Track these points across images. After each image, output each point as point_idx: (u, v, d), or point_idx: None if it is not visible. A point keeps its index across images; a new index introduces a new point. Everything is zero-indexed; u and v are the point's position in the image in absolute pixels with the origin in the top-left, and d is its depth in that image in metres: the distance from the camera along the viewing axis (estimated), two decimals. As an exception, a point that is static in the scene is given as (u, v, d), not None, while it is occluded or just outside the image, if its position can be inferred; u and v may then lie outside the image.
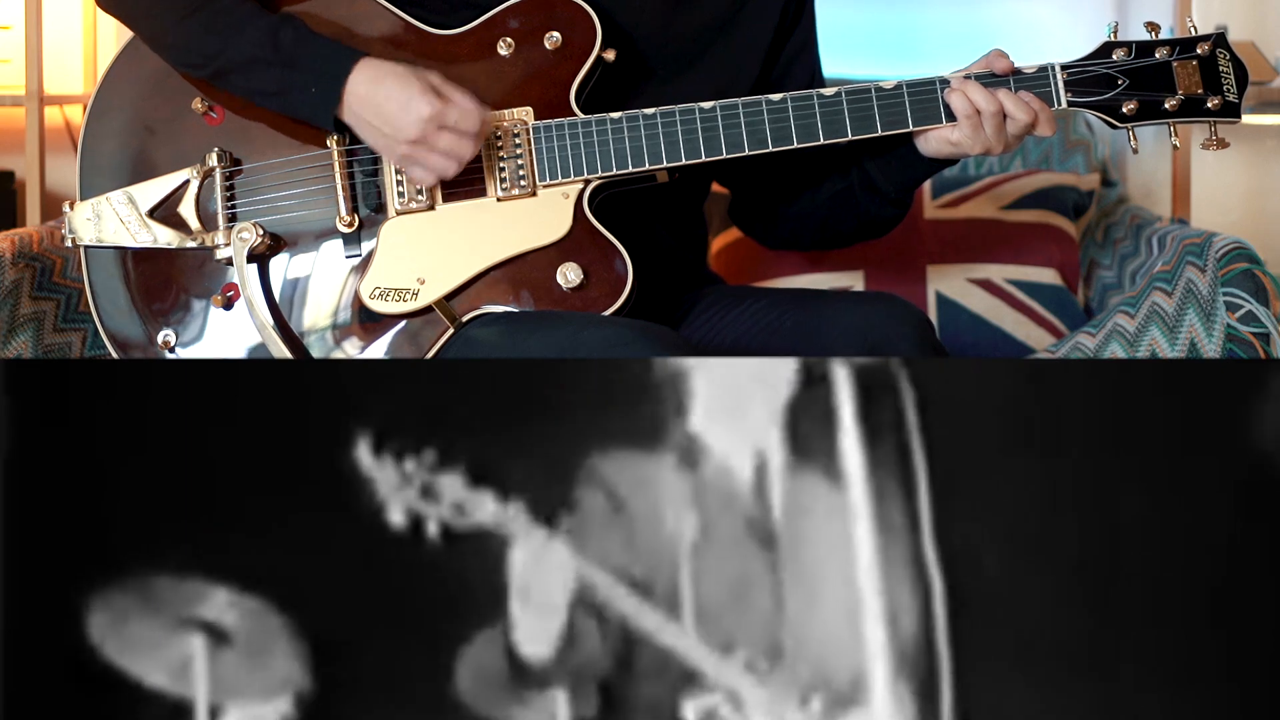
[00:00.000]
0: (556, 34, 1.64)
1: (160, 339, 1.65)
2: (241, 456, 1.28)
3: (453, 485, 1.24)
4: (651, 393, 1.24)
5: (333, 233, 1.63)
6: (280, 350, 1.59)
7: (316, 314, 1.63)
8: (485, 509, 1.23)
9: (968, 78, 1.62)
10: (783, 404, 1.24)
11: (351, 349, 1.62)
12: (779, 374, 1.24)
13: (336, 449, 1.26)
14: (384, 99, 1.56)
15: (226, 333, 1.64)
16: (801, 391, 1.24)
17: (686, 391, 1.24)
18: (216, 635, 1.25)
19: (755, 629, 1.23)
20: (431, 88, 1.56)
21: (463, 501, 1.23)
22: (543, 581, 1.23)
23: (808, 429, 1.23)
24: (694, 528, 1.23)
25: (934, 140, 1.64)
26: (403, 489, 1.24)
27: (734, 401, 1.23)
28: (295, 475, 1.27)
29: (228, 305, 1.64)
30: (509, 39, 1.65)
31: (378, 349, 1.62)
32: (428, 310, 1.61)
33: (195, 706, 1.25)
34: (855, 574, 1.23)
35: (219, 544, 1.27)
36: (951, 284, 2.25)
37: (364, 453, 1.25)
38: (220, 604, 1.25)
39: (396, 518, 1.24)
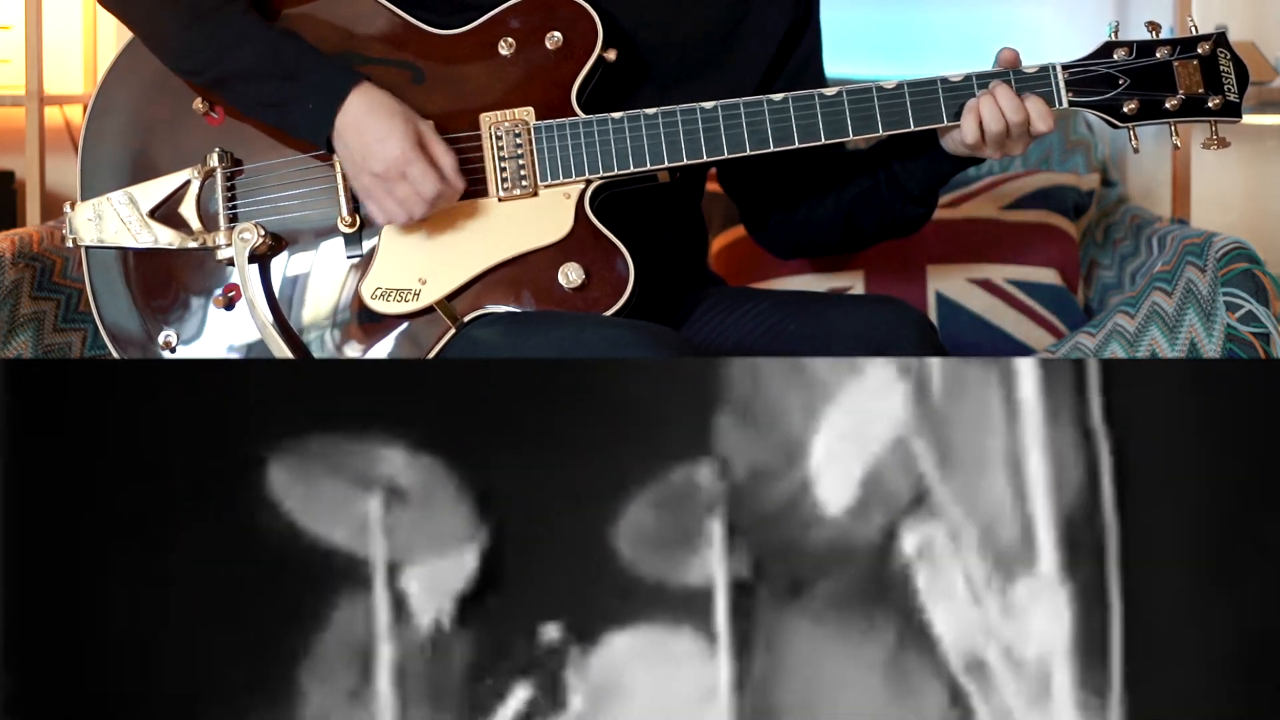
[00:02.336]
0: (558, 34, 1.64)
1: (161, 339, 1.65)
2: (240, 456, 1.28)
3: None
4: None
5: (334, 233, 1.63)
6: (281, 350, 1.59)
7: (317, 314, 1.63)
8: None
9: (984, 76, 1.61)
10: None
11: (352, 349, 1.62)
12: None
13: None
14: (369, 127, 1.56)
15: (227, 333, 1.64)
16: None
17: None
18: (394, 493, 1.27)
19: (963, 473, 1.26)
20: (416, 135, 1.57)
21: None
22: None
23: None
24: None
25: (953, 140, 1.65)
26: None
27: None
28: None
29: (229, 305, 1.64)
30: (510, 39, 1.65)
31: (379, 349, 1.62)
32: (429, 310, 1.61)
33: (374, 564, 1.26)
34: (1023, 446, 1.26)
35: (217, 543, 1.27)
36: (951, 284, 2.25)
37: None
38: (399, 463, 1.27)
39: None
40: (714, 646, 1.25)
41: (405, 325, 1.61)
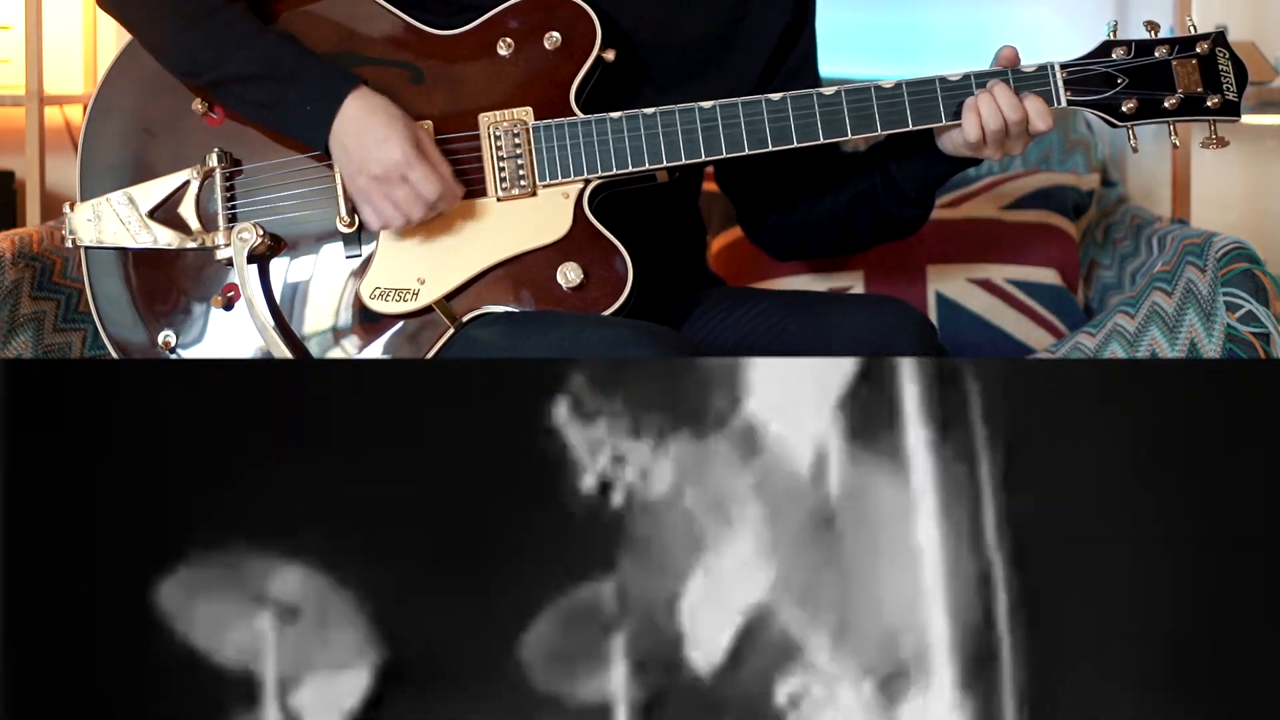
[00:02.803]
0: (556, 34, 1.64)
1: (161, 339, 1.65)
2: (241, 457, 1.28)
3: None
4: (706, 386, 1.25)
5: (333, 233, 1.63)
6: (281, 350, 1.59)
7: (317, 314, 1.63)
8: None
9: (981, 78, 1.62)
10: (840, 396, 1.24)
11: (351, 349, 1.62)
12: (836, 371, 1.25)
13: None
14: (367, 130, 1.56)
15: (227, 333, 1.64)
16: (860, 384, 1.24)
17: (743, 385, 1.25)
18: (286, 612, 1.26)
19: (832, 614, 1.24)
20: (415, 140, 1.57)
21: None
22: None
23: (867, 419, 1.24)
24: (762, 509, 1.24)
25: (952, 141, 1.65)
26: None
27: (790, 394, 1.24)
28: (299, 476, 1.27)
29: (228, 306, 1.64)
30: (509, 39, 1.65)
31: (378, 349, 1.62)
32: (428, 310, 1.61)
33: (265, 681, 1.25)
34: (919, 561, 1.23)
35: (217, 544, 1.27)
36: (951, 284, 2.25)
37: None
38: (288, 580, 1.26)
39: None
40: None
41: (404, 325, 1.62)
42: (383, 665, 1.25)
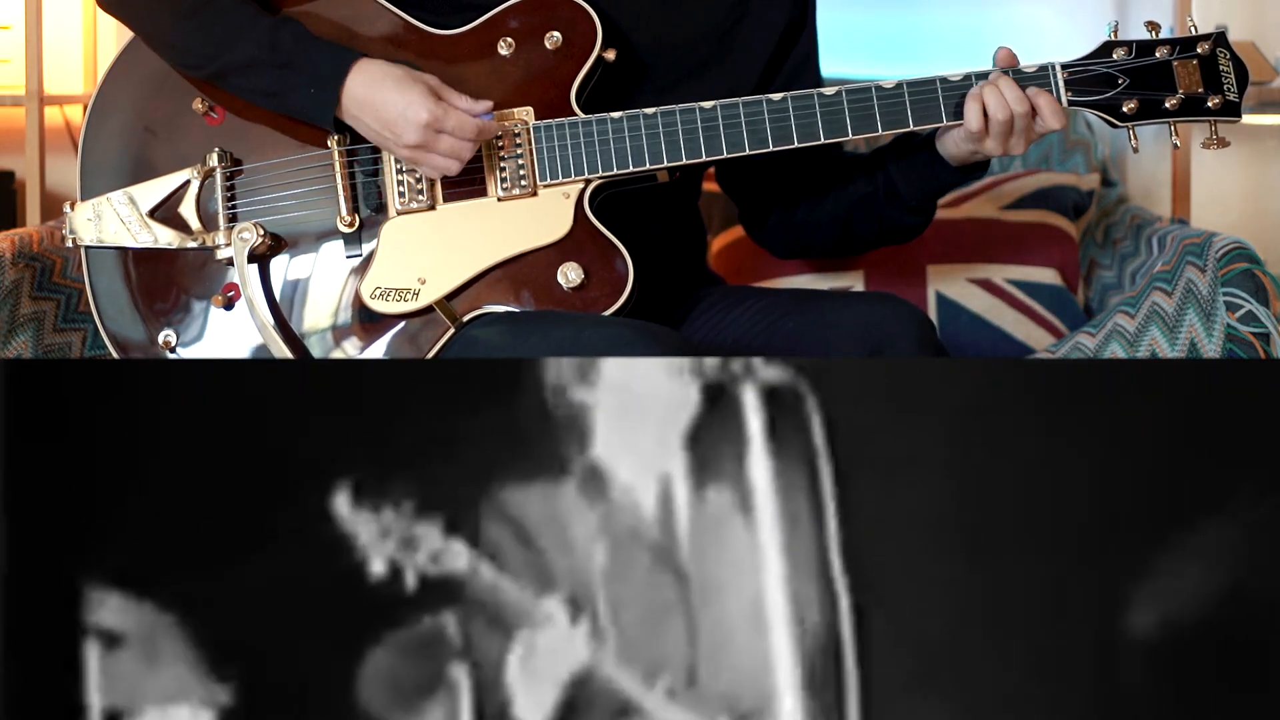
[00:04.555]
0: (557, 34, 1.64)
1: (161, 339, 1.65)
2: (240, 458, 1.28)
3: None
4: (553, 423, 1.24)
5: (333, 233, 1.63)
6: (281, 350, 1.59)
7: (317, 314, 1.63)
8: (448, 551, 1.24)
9: (983, 75, 1.62)
10: (685, 427, 1.24)
11: (352, 349, 1.62)
12: (680, 395, 1.25)
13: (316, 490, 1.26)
14: (382, 104, 1.56)
15: (227, 333, 1.64)
16: (704, 412, 1.24)
17: (587, 422, 1.25)
18: (109, 639, 1.25)
19: (672, 655, 1.23)
20: (430, 91, 1.56)
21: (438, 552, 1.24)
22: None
23: (711, 451, 1.24)
24: (604, 555, 1.24)
25: (954, 140, 1.65)
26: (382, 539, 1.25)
27: (634, 427, 1.23)
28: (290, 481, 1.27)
29: (228, 305, 1.64)
30: (509, 39, 1.65)
31: (378, 349, 1.62)
32: (428, 310, 1.61)
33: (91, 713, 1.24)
34: (763, 595, 1.23)
35: (208, 546, 1.27)
36: (951, 284, 2.25)
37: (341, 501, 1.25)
38: (115, 609, 1.25)
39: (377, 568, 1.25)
40: None
41: (404, 325, 1.62)
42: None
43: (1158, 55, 1.63)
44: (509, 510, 1.24)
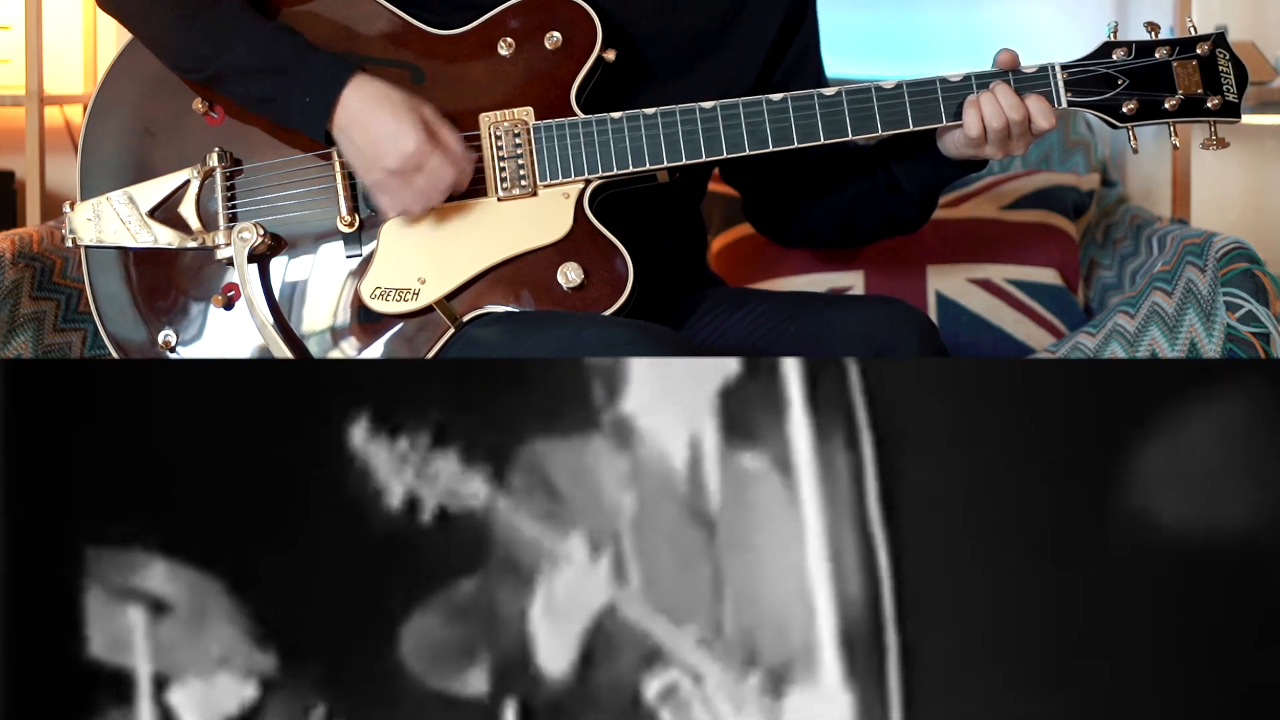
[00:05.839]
0: (557, 34, 1.64)
1: (161, 339, 1.65)
2: (241, 459, 1.28)
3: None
4: (585, 379, 1.24)
5: (333, 233, 1.63)
6: (281, 350, 1.59)
7: (317, 314, 1.63)
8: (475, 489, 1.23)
9: (983, 76, 1.62)
10: (718, 390, 1.24)
11: (351, 349, 1.62)
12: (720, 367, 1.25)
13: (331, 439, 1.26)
14: (374, 122, 1.56)
15: (227, 333, 1.64)
16: (742, 375, 1.24)
17: (621, 377, 1.25)
18: (158, 606, 1.25)
19: (704, 607, 1.23)
20: (424, 123, 1.56)
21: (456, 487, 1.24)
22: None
23: (749, 414, 1.24)
24: (632, 504, 1.24)
25: (953, 142, 1.65)
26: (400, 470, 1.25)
27: (670, 387, 1.23)
28: (295, 473, 1.27)
29: (228, 305, 1.64)
30: (509, 39, 1.65)
31: (378, 349, 1.62)
32: (428, 310, 1.61)
33: (137, 677, 1.24)
34: (800, 552, 1.23)
35: (210, 537, 1.27)
36: (951, 284, 2.25)
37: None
38: (161, 576, 1.25)
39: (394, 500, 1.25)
40: None
41: (405, 325, 1.62)
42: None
43: (1157, 56, 1.63)
44: (534, 457, 1.24)
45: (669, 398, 1.24)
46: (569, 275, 1.59)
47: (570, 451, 1.24)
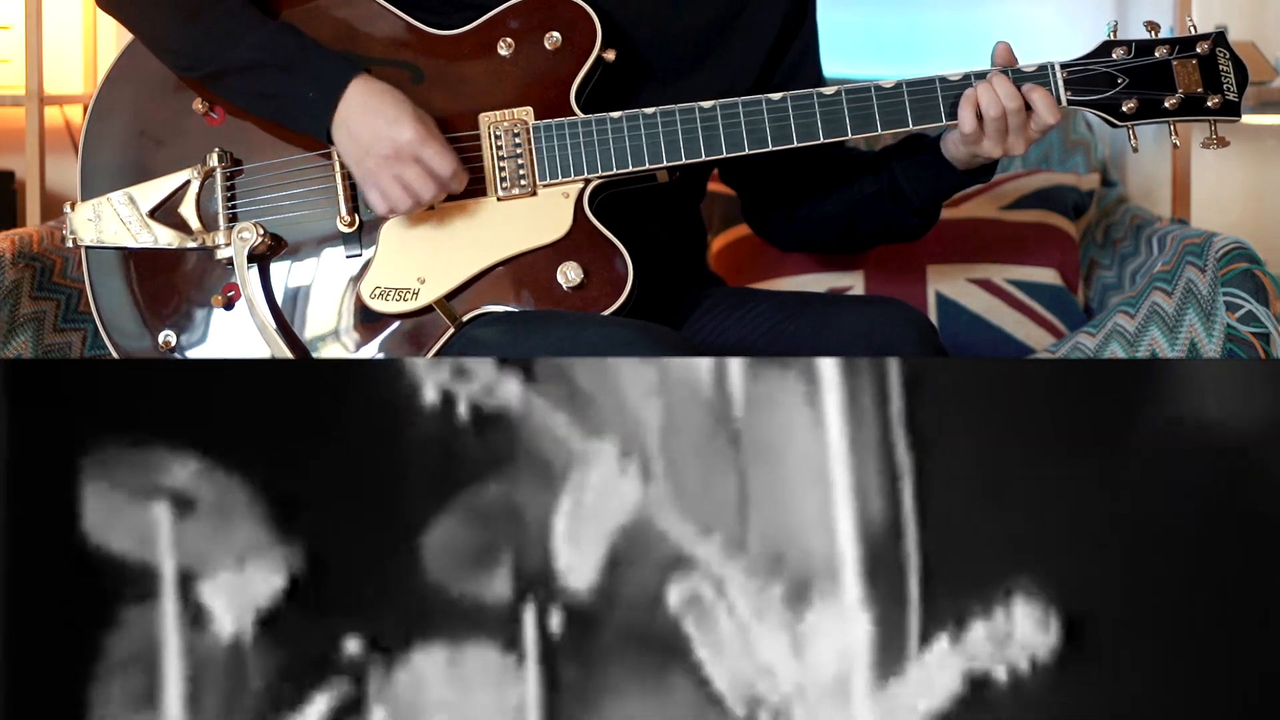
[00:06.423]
0: (556, 34, 1.64)
1: (161, 339, 1.65)
2: (241, 459, 1.28)
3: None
4: None
5: (333, 232, 1.63)
6: (281, 350, 1.59)
7: (317, 313, 1.63)
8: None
9: (982, 75, 1.62)
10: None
11: (351, 348, 1.62)
12: None
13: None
14: (374, 113, 1.56)
15: (227, 333, 1.64)
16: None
17: None
18: (182, 503, 1.25)
19: (728, 514, 1.24)
20: (422, 121, 1.56)
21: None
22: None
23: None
24: (658, 411, 1.24)
25: (954, 143, 1.64)
26: None
27: None
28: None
29: (228, 305, 1.64)
30: (509, 39, 1.65)
31: (378, 348, 1.62)
32: (428, 310, 1.61)
33: (163, 575, 1.24)
34: (823, 466, 1.23)
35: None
36: (951, 284, 2.25)
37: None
38: (189, 473, 1.25)
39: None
40: (522, 664, 1.23)
41: (404, 324, 1.62)
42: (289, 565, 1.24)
43: (1157, 55, 1.63)
44: (561, 363, 1.24)
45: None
46: (569, 275, 1.59)
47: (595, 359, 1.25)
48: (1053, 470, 1.24)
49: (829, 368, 1.24)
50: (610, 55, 1.64)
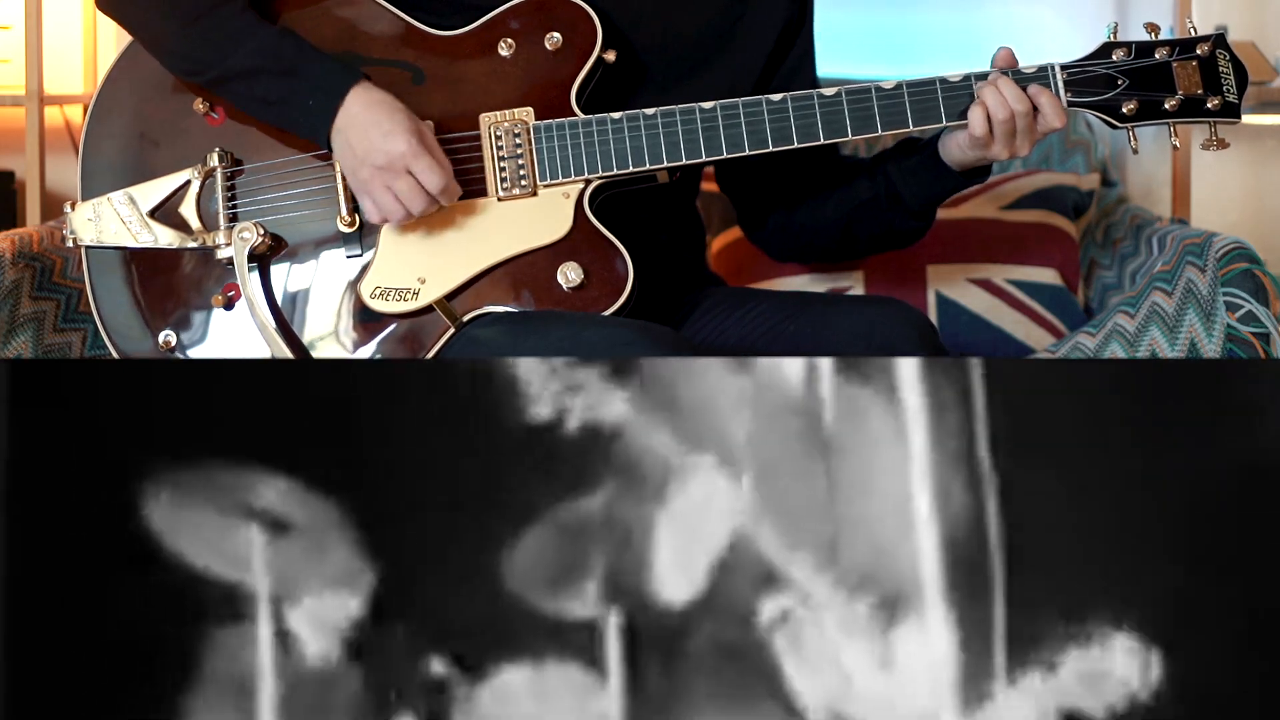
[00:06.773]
0: (557, 35, 1.64)
1: (161, 339, 1.65)
2: (241, 459, 1.28)
3: None
4: None
5: (334, 233, 1.63)
6: (281, 350, 1.59)
7: (317, 313, 1.63)
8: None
9: (983, 76, 1.62)
10: None
11: (351, 348, 1.62)
12: None
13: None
14: (372, 123, 1.56)
15: (227, 333, 1.64)
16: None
17: None
18: (275, 526, 1.25)
19: (818, 528, 1.23)
20: (419, 133, 1.57)
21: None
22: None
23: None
24: (749, 423, 1.23)
25: (958, 145, 1.64)
26: None
27: None
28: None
29: (228, 305, 1.64)
30: (510, 40, 1.65)
31: (378, 348, 1.62)
32: (428, 310, 1.61)
33: (258, 598, 1.24)
34: (909, 479, 1.23)
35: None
36: (951, 284, 2.25)
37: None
38: (278, 494, 1.25)
39: None
40: (605, 681, 1.23)
41: (405, 324, 1.62)
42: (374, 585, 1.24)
43: (1157, 56, 1.63)
44: (658, 374, 1.24)
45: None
46: (569, 275, 1.60)
47: (688, 369, 1.24)
48: (1140, 483, 1.24)
49: (908, 369, 1.23)
50: (611, 56, 1.64)
